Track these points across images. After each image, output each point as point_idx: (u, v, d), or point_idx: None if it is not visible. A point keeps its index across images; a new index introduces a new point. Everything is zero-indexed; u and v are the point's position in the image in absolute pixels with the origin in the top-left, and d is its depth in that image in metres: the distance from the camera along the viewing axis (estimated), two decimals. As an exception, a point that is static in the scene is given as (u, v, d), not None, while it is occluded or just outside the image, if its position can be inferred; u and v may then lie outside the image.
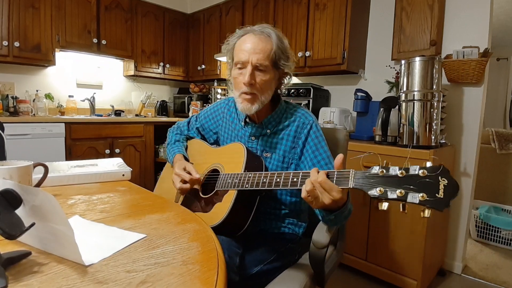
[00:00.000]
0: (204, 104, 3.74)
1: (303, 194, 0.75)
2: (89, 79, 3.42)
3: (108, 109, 3.49)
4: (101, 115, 3.22)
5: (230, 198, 0.91)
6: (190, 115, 1.34)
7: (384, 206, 0.65)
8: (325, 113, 2.47)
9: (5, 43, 2.57)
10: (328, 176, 0.73)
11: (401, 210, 0.64)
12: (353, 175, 0.70)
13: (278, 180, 0.83)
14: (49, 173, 0.90)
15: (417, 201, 0.60)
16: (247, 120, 1.10)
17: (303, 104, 2.58)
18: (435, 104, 1.78)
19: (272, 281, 0.94)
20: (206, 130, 1.27)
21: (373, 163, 0.70)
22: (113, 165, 1.18)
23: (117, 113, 3.40)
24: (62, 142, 2.68)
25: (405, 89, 1.83)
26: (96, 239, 0.62)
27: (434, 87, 1.77)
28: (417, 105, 1.78)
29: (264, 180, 0.86)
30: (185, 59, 3.92)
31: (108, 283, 0.47)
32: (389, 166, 0.66)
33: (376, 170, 0.67)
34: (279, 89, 1.11)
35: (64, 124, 2.68)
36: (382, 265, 1.89)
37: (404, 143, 1.83)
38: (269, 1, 2.88)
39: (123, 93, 3.73)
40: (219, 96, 3.59)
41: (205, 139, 1.27)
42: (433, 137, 1.78)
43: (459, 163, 2.10)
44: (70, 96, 3.18)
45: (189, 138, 1.30)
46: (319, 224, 0.90)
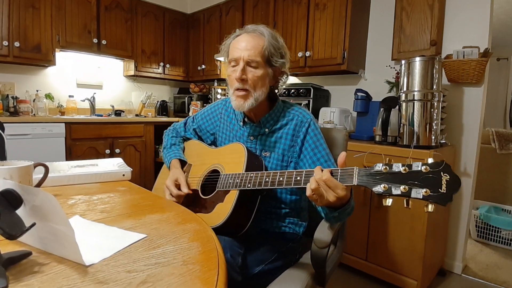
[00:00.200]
0: (204, 104, 3.74)
1: (308, 193, 0.76)
2: (89, 79, 3.42)
3: (108, 109, 3.49)
4: (101, 115, 3.22)
5: (232, 198, 0.91)
6: (190, 116, 1.34)
7: (389, 202, 0.66)
8: (325, 113, 2.47)
9: (5, 43, 2.57)
10: (332, 174, 0.74)
11: (405, 206, 0.65)
12: (357, 173, 0.71)
13: (281, 179, 0.84)
14: (50, 173, 0.90)
15: (421, 197, 0.62)
16: (246, 120, 1.10)
17: (303, 104, 2.58)
18: (435, 104, 1.78)
19: (274, 281, 0.94)
20: (203, 131, 1.26)
21: (373, 163, 0.70)
22: (113, 165, 1.18)
23: (117, 113, 3.40)
24: (62, 142, 2.68)
25: (405, 89, 1.83)
26: (97, 239, 0.62)
27: (434, 87, 1.77)
28: (417, 105, 1.78)
29: (267, 180, 0.86)
30: (185, 59, 3.92)
31: (109, 283, 0.47)
32: (392, 163, 0.67)
33: (380, 167, 0.68)
34: (276, 88, 1.11)
35: (64, 124, 2.68)
36: (382, 265, 1.89)
37: (404, 143, 1.83)
38: (269, 1, 2.88)
39: (123, 93, 3.73)
40: (219, 96, 3.59)
41: (202, 140, 1.27)
42: (433, 137, 1.78)
43: (459, 163, 2.10)
44: (70, 96, 3.18)
45: (186, 139, 1.30)
46: (321, 223, 0.90)
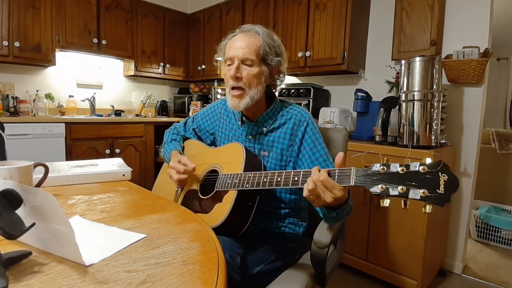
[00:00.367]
0: (204, 104, 3.74)
1: (305, 193, 0.75)
2: (89, 79, 3.42)
3: (108, 109, 3.49)
4: (101, 115, 3.22)
5: (231, 199, 0.91)
6: (190, 116, 1.34)
7: (386, 203, 0.66)
8: (325, 113, 2.47)
9: (5, 43, 2.57)
10: (330, 175, 0.73)
11: (403, 207, 0.65)
12: (355, 173, 0.71)
13: (279, 180, 0.83)
14: (50, 173, 0.90)
15: (419, 197, 0.61)
16: (244, 119, 1.10)
17: (303, 104, 2.58)
18: (435, 104, 1.78)
19: (273, 281, 0.94)
20: (203, 131, 1.27)
21: (373, 163, 0.70)
22: (114, 165, 1.18)
23: (117, 113, 3.40)
24: (63, 142, 2.68)
25: (405, 89, 1.83)
26: (97, 239, 0.62)
27: (434, 87, 1.77)
28: (417, 105, 1.78)
29: (265, 180, 0.86)
30: (185, 59, 3.92)
31: (109, 283, 0.47)
32: (390, 163, 0.67)
33: (377, 168, 0.67)
34: (274, 88, 1.11)
35: (64, 124, 2.68)
36: (382, 265, 1.89)
37: (405, 143, 1.83)
38: (269, 1, 2.88)
39: (123, 93, 3.73)
40: (219, 96, 3.59)
41: (202, 140, 1.27)
42: (433, 137, 1.78)
43: (459, 163, 2.10)
44: (70, 96, 3.18)
45: (186, 139, 1.30)
46: (320, 224, 0.90)
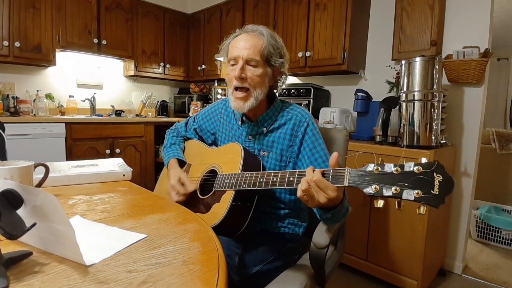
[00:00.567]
0: (205, 104, 3.74)
1: (299, 194, 0.75)
2: (90, 79, 3.42)
3: (109, 109, 3.49)
4: (102, 115, 3.22)
5: (228, 199, 0.91)
6: (191, 115, 1.35)
7: (380, 204, 0.65)
8: (326, 113, 2.47)
9: (6, 43, 2.57)
10: (324, 175, 0.73)
11: (397, 207, 0.64)
12: (348, 173, 0.70)
13: (275, 180, 0.83)
14: (50, 173, 0.90)
15: (412, 198, 0.60)
16: (244, 119, 1.10)
17: (303, 104, 2.58)
18: (436, 104, 1.77)
19: (272, 281, 0.93)
20: (204, 131, 1.27)
21: (372, 163, 0.70)
22: (114, 165, 1.18)
23: (118, 113, 3.40)
24: (63, 142, 2.68)
25: (406, 89, 1.83)
26: (97, 239, 0.62)
27: (435, 87, 1.77)
28: (418, 105, 1.78)
29: (261, 180, 0.86)
30: (186, 59, 3.92)
31: (109, 283, 0.47)
32: (384, 164, 0.66)
33: (371, 168, 0.67)
34: (275, 88, 1.11)
35: (65, 124, 2.68)
36: (382, 265, 1.89)
37: (405, 143, 1.83)
38: (270, 1, 2.88)
39: (124, 93, 3.73)
40: (220, 96, 3.59)
41: (203, 140, 1.28)
42: (434, 137, 1.78)
43: (460, 163, 2.10)
44: (71, 96, 3.19)
45: (187, 139, 1.30)
46: (319, 225, 0.90)
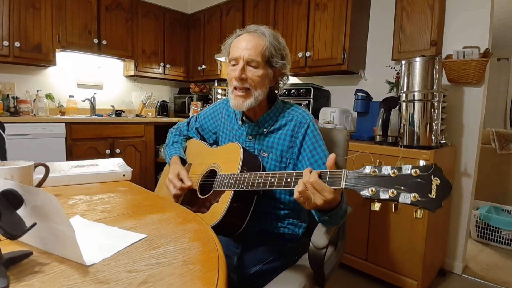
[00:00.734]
0: (205, 104, 3.74)
1: (295, 195, 0.74)
2: (90, 79, 3.42)
3: (109, 109, 3.49)
4: (102, 115, 3.23)
5: (227, 199, 0.91)
6: (191, 116, 1.35)
7: (377, 207, 0.64)
8: (326, 113, 2.47)
9: (6, 43, 2.57)
10: (321, 177, 0.72)
11: (394, 211, 0.63)
12: (345, 175, 0.69)
13: (273, 181, 0.83)
14: (50, 173, 0.90)
15: (409, 202, 0.59)
16: (244, 119, 1.10)
17: (304, 104, 2.58)
18: (436, 104, 1.77)
19: (271, 282, 0.93)
20: (206, 131, 1.27)
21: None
22: (114, 165, 1.18)
23: (118, 113, 3.40)
24: (63, 142, 2.68)
25: (406, 89, 1.83)
26: (97, 239, 0.62)
27: (435, 87, 1.77)
28: (418, 105, 1.78)
29: (259, 181, 0.86)
30: (186, 59, 3.92)
31: (109, 283, 0.47)
32: (382, 166, 0.65)
33: (368, 170, 0.65)
34: (276, 89, 1.11)
35: (65, 124, 2.68)
36: (383, 265, 1.89)
37: (405, 143, 1.83)
38: (270, 1, 2.89)
39: (124, 93, 3.73)
40: (220, 96, 3.59)
41: (205, 140, 1.28)
42: (434, 137, 1.78)
43: (460, 163, 2.10)
44: (71, 96, 3.19)
45: (189, 138, 1.30)
46: (318, 225, 0.90)
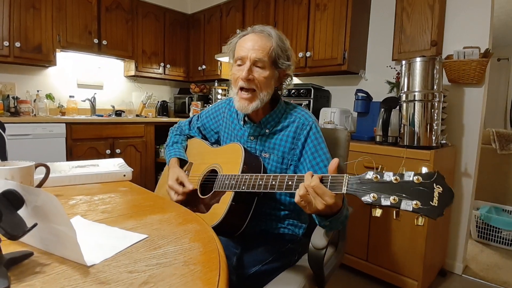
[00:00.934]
0: (205, 105, 3.74)
1: (296, 199, 0.74)
2: (90, 80, 3.42)
3: (109, 110, 3.49)
4: (102, 116, 3.23)
5: (227, 200, 0.91)
6: (191, 116, 1.35)
7: (378, 213, 0.64)
8: (326, 114, 2.47)
9: (6, 44, 2.57)
10: (322, 181, 0.72)
11: (395, 217, 0.63)
12: (347, 180, 0.68)
13: (274, 183, 0.83)
14: (51, 174, 0.90)
15: (411, 209, 0.59)
16: (246, 119, 1.10)
17: (304, 105, 2.58)
18: (436, 105, 1.78)
19: (270, 282, 0.93)
20: (207, 130, 1.27)
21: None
22: (114, 166, 1.18)
23: (118, 114, 3.40)
24: (63, 143, 2.68)
25: (406, 90, 1.83)
26: (98, 240, 0.62)
27: (435, 88, 1.77)
28: (418, 106, 1.78)
29: (260, 183, 0.86)
30: (186, 60, 3.92)
31: (110, 284, 0.47)
32: (384, 172, 0.65)
33: (370, 176, 0.65)
34: (280, 90, 1.10)
35: (65, 124, 2.68)
36: (383, 266, 1.89)
37: (405, 144, 1.83)
38: (270, 2, 2.89)
39: (124, 94, 3.73)
40: (220, 97, 3.59)
41: (206, 139, 1.28)
42: (434, 138, 1.78)
43: (460, 164, 2.10)
44: (71, 97, 3.19)
45: (191, 137, 1.30)
46: (318, 227, 0.90)
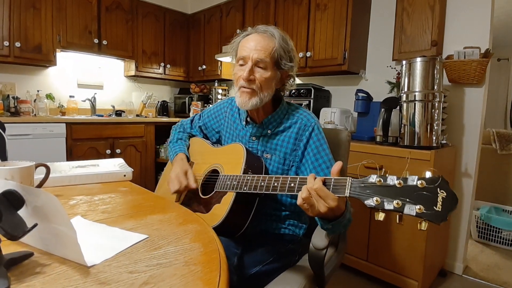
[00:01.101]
0: (205, 105, 3.74)
1: (299, 202, 0.74)
2: (90, 80, 3.42)
3: (109, 110, 3.49)
4: (102, 116, 3.22)
5: (229, 200, 0.91)
6: (191, 116, 1.34)
7: (381, 217, 0.63)
8: (326, 114, 2.47)
9: (6, 44, 2.57)
10: (325, 184, 0.71)
11: (398, 222, 0.62)
12: (350, 184, 0.68)
13: (276, 185, 0.83)
14: (51, 174, 0.90)
15: (414, 214, 0.59)
16: (248, 120, 1.10)
17: (304, 105, 2.58)
18: (436, 105, 1.77)
19: (270, 283, 0.93)
20: (209, 129, 1.27)
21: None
22: (114, 166, 1.18)
23: (118, 114, 3.40)
24: (63, 143, 2.68)
25: (406, 90, 1.83)
26: (98, 240, 0.62)
27: (435, 88, 1.76)
28: (418, 106, 1.78)
29: (262, 184, 0.85)
30: (186, 60, 3.92)
31: (111, 284, 0.47)
32: (387, 176, 0.64)
33: (374, 179, 0.65)
34: (282, 91, 1.10)
35: (65, 124, 2.68)
36: (383, 266, 1.89)
37: (405, 144, 1.83)
38: (270, 2, 2.88)
39: (124, 94, 3.73)
40: (220, 97, 3.59)
41: (208, 138, 1.28)
42: (434, 138, 1.78)
43: (460, 164, 2.09)
44: (71, 97, 3.19)
45: (192, 136, 1.30)
46: (318, 227, 0.89)
